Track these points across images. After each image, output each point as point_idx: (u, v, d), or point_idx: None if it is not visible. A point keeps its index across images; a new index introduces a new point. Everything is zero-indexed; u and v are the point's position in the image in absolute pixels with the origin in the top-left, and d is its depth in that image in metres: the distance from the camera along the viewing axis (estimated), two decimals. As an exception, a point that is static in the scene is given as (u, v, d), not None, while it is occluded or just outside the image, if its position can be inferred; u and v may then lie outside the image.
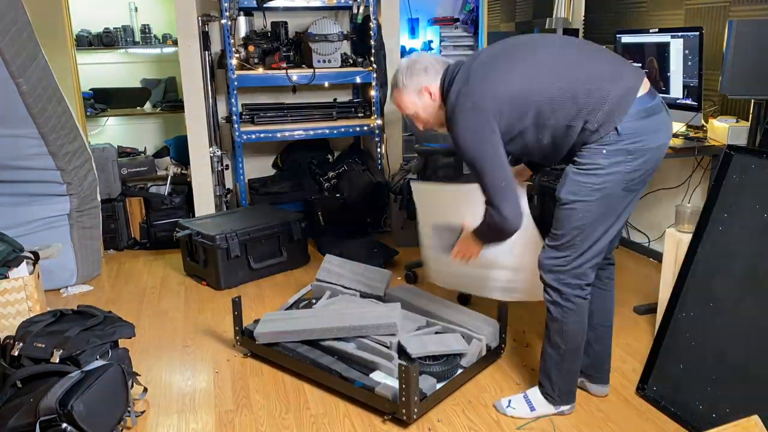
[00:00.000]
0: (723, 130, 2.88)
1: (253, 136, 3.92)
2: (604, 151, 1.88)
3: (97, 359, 2.12)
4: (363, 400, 2.23)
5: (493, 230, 2.02)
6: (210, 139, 3.95)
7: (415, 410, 2.09)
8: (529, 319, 2.93)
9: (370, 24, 3.98)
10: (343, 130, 4.05)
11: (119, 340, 2.31)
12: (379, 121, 4.12)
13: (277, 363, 2.51)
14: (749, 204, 2.12)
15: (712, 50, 3.14)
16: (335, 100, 4.29)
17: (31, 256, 2.84)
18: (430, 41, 4.75)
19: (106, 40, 4.41)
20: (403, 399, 2.07)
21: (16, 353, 2.13)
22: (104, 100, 4.54)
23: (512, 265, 2.42)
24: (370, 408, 2.22)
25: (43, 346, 2.12)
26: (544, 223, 3.98)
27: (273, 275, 3.53)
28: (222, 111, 4.18)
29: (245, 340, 2.62)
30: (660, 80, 3.22)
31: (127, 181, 4.18)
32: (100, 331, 2.21)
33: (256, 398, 2.33)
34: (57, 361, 2.07)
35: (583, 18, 4.22)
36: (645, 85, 1.91)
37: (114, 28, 4.46)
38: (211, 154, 3.95)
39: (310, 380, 2.42)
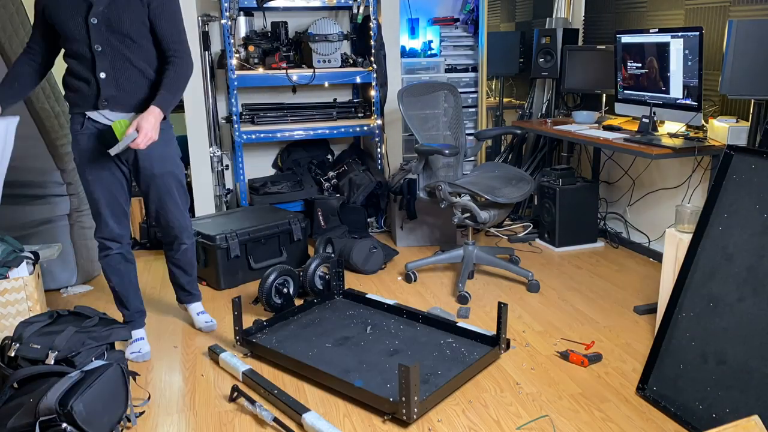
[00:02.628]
0: (723, 130, 2.88)
1: (253, 136, 3.92)
2: None
3: (92, 361, 2.12)
4: (363, 400, 2.23)
5: (185, 78, 2.39)
6: (210, 139, 3.95)
7: (415, 410, 2.09)
8: (528, 319, 2.93)
9: (370, 24, 3.98)
10: (343, 130, 4.06)
11: (115, 342, 2.31)
12: (379, 121, 4.12)
13: (278, 363, 2.52)
14: (749, 204, 2.12)
15: (712, 50, 3.14)
16: (335, 100, 4.30)
17: (31, 256, 2.83)
18: (430, 41, 4.76)
19: (106, 40, 4.41)
20: (403, 399, 2.07)
21: (12, 354, 2.13)
22: (104, 100, 4.54)
23: None
24: (370, 408, 2.23)
25: (39, 347, 2.11)
26: (543, 222, 3.99)
27: (273, 275, 3.53)
28: (222, 111, 4.19)
29: (245, 340, 2.62)
30: (660, 80, 3.22)
31: (127, 181, 4.17)
32: (96, 333, 2.21)
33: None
34: (52, 362, 2.07)
35: (583, 18, 4.22)
36: None
37: (114, 28, 4.46)
38: (211, 154, 3.96)
39: (310, 380, 2.42)
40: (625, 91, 3.46)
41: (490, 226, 3.33)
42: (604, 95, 3.92)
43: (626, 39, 3.38)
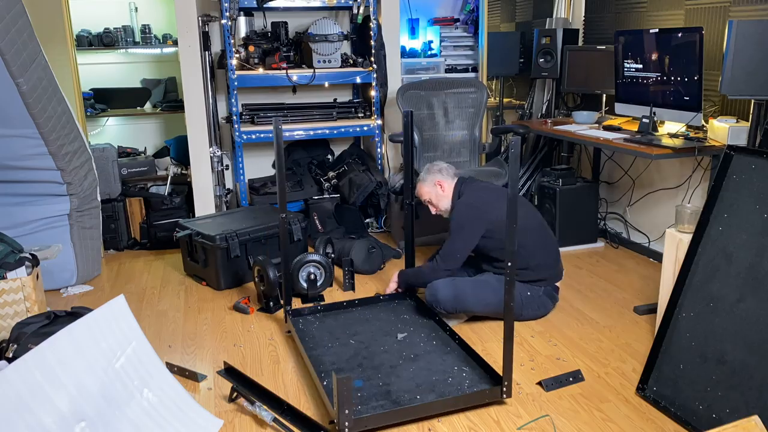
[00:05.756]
0: (723, 130, 2.88)
1: (253, 136, 3.92)
2: None
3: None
4: (322, 399, 2.23)
5: (423, 276, 2.88)
6: (210, 139, 3.95)
7: (347, 424, 1.98)
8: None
9: (370, 24, 3.98)
10: (343, 130, 4.05)
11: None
12: (379, 121, 4.12)
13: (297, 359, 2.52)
14: (749, 204, 2.12)
15: (712, 50, 3.14)
16: (335, 100, 4.29)
17: (29, 257, 2.83)
18: (430, 41, 4.75)
19: (106, 40, 4.41)
20: (336, 409, 2.09)
21: (10, 355, 2.13)
22: (104, 100, 4.54)
23: None
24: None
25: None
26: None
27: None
28: (222, 111, 4.19)
29: (293, 319, 2.82)
30: (660, 80, 3.22)
31: (127, 181, 4.18)
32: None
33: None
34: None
35: (583, 18, 4.22)
36: None
37: (114, 28, 4.46)
38: (211, 154, 3.95)
39: (310, 380, 2.42)
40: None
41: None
42: (604, 95, 3.92)
43: (626, 39, 3.38)
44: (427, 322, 2.82)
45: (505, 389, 2.19)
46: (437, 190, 2.94)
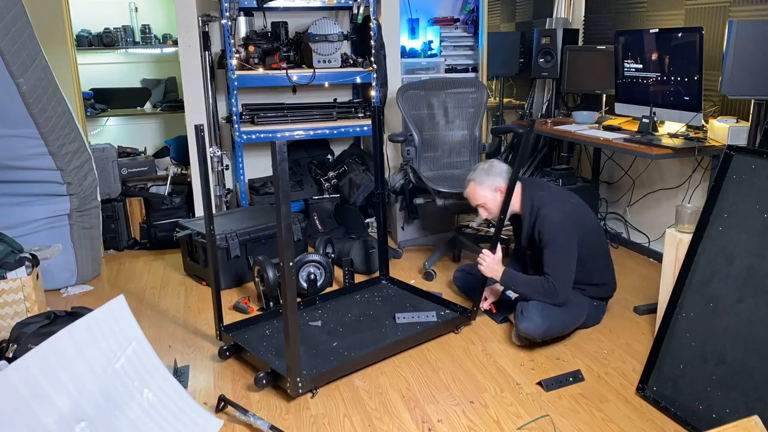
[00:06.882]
0: (723, 130, 2.88)
1: (253, 136, 3.91)
2: None
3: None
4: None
5: (534, 294, 2.60)
6: (210, 139, 3.95)
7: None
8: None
9: (370, 24, 3.98)
10: (343, 130, 4.05)
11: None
12: (379, 121, 4.12)
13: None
14: (749, 204, 2.12)
15: (712, 50, 3.14)
16: (335, 100, 4.29)
17: (29, 257, 2.83)
18: (430, 41, 4.75)
19: (106, 40, 4.41)
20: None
21: (10, 355, 2.13)
22: (104, 100, 4.54)
23: None
24: (369, 408, 2.23)
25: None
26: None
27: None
28: (222, 111, 4.18)
29: (225, 336, 2.71)
30: (660, 80, 3.22)
31: (127, 181, 4.18)
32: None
33: (256, 398, 2.33)
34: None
35: (583, 18, 4.22)
36: None
37: (114, 28, 4.46)
38: (211, 154, 3.95)
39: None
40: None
41: (452, 212, 3.49)
42: (604, 95, 3.92)
43: (626, 39, 3.38)
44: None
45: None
46: (497, 196, 2.68)
